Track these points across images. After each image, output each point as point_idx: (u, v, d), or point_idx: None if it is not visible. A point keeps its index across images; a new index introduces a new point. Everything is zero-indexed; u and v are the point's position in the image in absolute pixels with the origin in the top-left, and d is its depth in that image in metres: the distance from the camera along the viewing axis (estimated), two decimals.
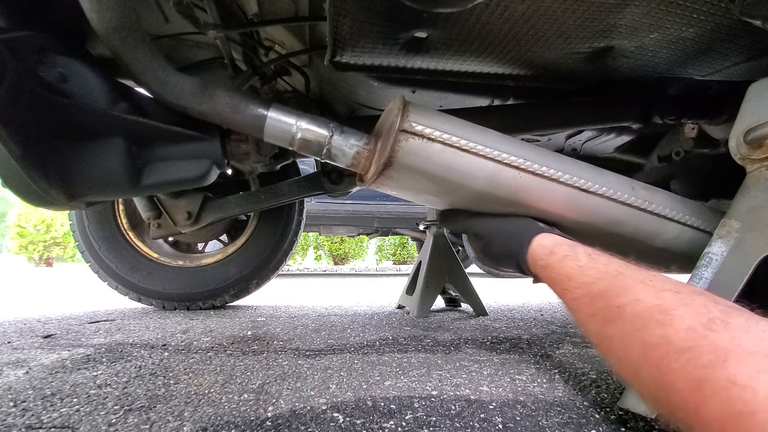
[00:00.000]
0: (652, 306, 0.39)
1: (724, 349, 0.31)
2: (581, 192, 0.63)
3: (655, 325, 0.37)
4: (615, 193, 0.64)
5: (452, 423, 0.53)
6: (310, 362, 0.81)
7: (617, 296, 0.43)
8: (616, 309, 0.42)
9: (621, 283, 0.44)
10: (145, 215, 1.28)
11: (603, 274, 0.47)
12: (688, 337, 0.34)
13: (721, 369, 0.30)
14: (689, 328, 0.34)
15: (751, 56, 0.65)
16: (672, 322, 0.36)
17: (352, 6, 0.57)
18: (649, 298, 0.40)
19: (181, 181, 0.76)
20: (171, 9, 0.80)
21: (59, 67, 0.62)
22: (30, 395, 0.63)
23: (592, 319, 0.45)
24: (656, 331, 0.36)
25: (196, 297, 1.54)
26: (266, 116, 0.67)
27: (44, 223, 10.46)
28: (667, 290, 0.40)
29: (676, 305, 0.37)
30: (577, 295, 0.49)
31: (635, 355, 0.38)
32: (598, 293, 0.45)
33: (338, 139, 0.67)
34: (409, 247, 9.71)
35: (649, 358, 0.36)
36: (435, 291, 1.49)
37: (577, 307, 0.49)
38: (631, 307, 0.40)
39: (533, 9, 0.56)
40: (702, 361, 0.32)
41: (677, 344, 0.34)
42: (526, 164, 0.61)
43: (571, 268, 0.51)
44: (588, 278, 0.48)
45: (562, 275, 0.52)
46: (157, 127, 0.69)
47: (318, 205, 4.31)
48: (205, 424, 0.52)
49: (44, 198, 0.65)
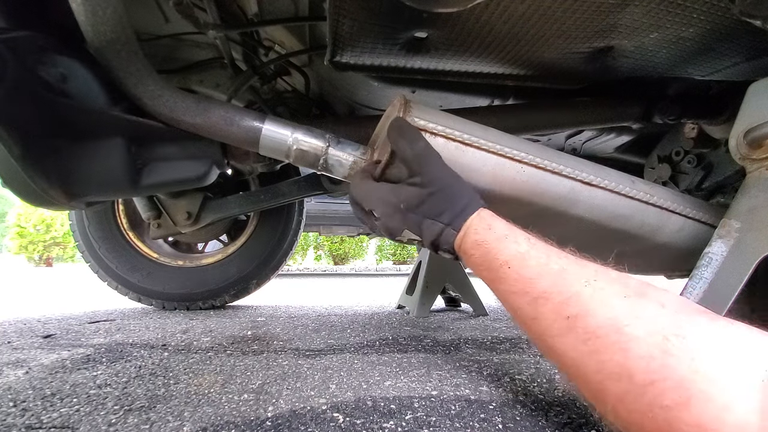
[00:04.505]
0: (606, 322, 0.36)
1: (685, 384, 0.30)
2: (585, 185, 0.62)
3: (612, 349, 0.34)
4: (617, 186, 0.64)
5: (452, 423, 0.53)
6: (310, 362, 0.81)
7: (565, 304, 0.39)
8: (565, 321, 0.38)
9: (566, 284, 0.40)
10: (145, 215, 1.28)
11: (544, 269, 0.42)
12: (648, 368, 0.32)
13: (686, 412, 0.29)
14: (646, 355, 0.32)
15: (751, 56, 0.65)
16: (628, 346, 0.33)
17: (352, 6, 0.57)
18: (601, 310, 0.37)
19: (181, 181, 0.76)
20: (171, 9, 0.80)
21: (59, 67, 0.62)
22: (30, 395, 0.63)
23: (535, 323, 0.41)
24: (614, 357, 0.34)
25: (196, 297, 1.54)
26: (261, 129, 0.66)
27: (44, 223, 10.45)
28: (615, 296, 0.37)
29: (629, 319, 0.35)
30: (515, 289, 0.43)
31: (594, 380, 0.36)
32: (542, 294, 0.41)
33: (334, 150, 0.66)
34: (409, 247, 9.70)
35: (609, 390, 0.34)
36: (435, 291, 1.49)
37: (516, 305, 0.44)
38: (582, 321, 0.37)
39: (533, 9, 0.56)
40: (665, 401, 0.30)
41: (638, 378, 0.32)
42: (529, 158, 0.60)
43: (511, 254, 0.45)
44: (529, 271, 0.43)
45: (499, 259, 0.45)
46: (157, 127, 0.69)
47: (318, 205, 4.31)
48: (205, 424, 0.52)
49: (44, 198, 0.65)
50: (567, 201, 0.63)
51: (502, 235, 0.47)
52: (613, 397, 0.34)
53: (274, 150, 0.68)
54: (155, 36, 0.96)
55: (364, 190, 0.57)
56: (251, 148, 0.69)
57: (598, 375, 0.35)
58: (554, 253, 0.44)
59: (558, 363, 0.40)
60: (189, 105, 0.66)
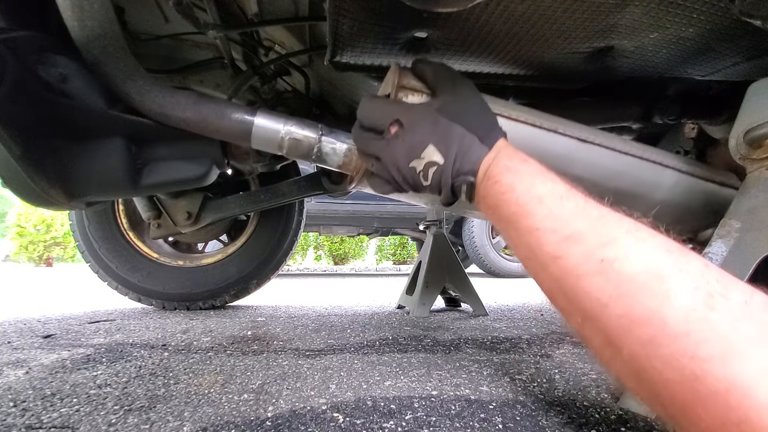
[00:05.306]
0: (646, 269, 0.33)
1: (725, 340, 0.27)
2: (581, 143, 0.63)
3: (648, 295, 0.31)
4: (611, 143, 0.65)
5: (452, 423, 0.53)
6: (310, 362, 0.81)
7: (601, 246, 0.36)
8: (598, 263, 0.35)
9: (604, 228, 0.37)
10: (145, 215, 1.28)
11: (582, 212, 0.39)
12: (686, 318, 0.29)
13: (721, 365, 0.27)
14: (688, 306, 0.30)
15: (751, 56, 0.65)
16: (668, 294, 0.31)
17: (352, 6, 0.57)
18: (641, 257, 0.34)
19: (181, 181, 0.76)
20: (171, 9, 0.80)
21: (59, 67, 0.62)
22: (30, 395, 0.63)
23: (557, 262, 0.38)
24: (648, 302, 0.31)
25: (196, 297, 1.54)
26: (253, 122, 0.66)
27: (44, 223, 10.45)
28: (658, 247, 0.34)
29: (672, 270, 0.32)
30: (542, 225, 0.39)
31: (614, 323, 0.33)
32: (574, 234, 0.37)
33: (327, 139, 0.66)
34: (409, 247, 9.71)
35: (632, 333, 0.31)
36: (435, 291, 1.49)
37: (537, 242, 0.40)
38: (619, 264, 0.34)
39: (533, 9, 0.56)
40: (699, 351, 0.28)
41: (672, 326, 0.29)
42: (523, 117, 0.60)
43: (546, 190, 0.41)
44: (564, 211, 0.39)
45: (530, 193, 0.41)
46: (157, 127, 0.69)
47: (318, 205, 4.32)
48: (205, 424, 0.52)
49: (44, 198, 0.65)
50: (565, 160, 0.63)
51: (538, 170, 0.43)
52: (635, 342, 0.31)
53: (267, 142, 0.67)
54: (155, 36, 0.96)
55: (384, 102, 0.52)
56: (244, 142, 0.68)
57: (622, 319, 0.32)
58: (592, 201, 0.41)
59: (573, 304, 0.37)
60: (178, 100, 0.65)
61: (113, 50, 0.60)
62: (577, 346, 0.99)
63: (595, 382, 0.71)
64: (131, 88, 0.63)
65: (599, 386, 0.68)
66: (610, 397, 0.63)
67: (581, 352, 0.92)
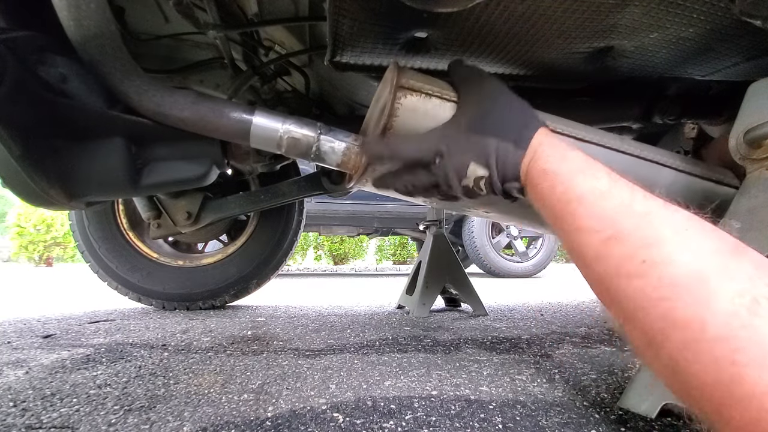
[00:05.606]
0: (689, 273, 0.32)
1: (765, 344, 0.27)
2: (577, 141, 0.63)
3: (688, 299, 0.31)
4: (608, 142, 0.64)
5: (452, 423, 0.53)
6: (310, 362, 0.81)
7: (644, 246, 0.35)
8: (640, 264, 0.34)
9: (650, 227, 0.36)
10: (145, 215, 1.28)
11: (626, 210, 0.38)
12: (727, 323, 0.29)
13: (759, 370, 0.27)
14: (731, 312, 0.29)
15: (751, 56, 0.65)
16: (711, 300, 0.30)
17: (352, 6, 0.57)
18: (686, 260, 0.33)
19: (181, 181, 0.76)
20: (171, 9, 0.80)
21: (59, 67, 0.62)
22: (30, 395, 0.63)
23: (599, 262, 0.38)
24: (689, 307, 0.31)
25: (196, 297, 1.54)
26: (251, 121, 0.65)
27: (44, 223, 10.45)
28: (706, 250, 0.33)
29: (718, 275, 0.31)
30: (585, 225, 0.39)
31: (655, 326, 0.33)
32: (616, 235, 0.37)
33: (326, 137, 0.66)
34: (409, 247, 9.70)
35: (670, 336, 0.31)
36: (435, 291, 1.49)
37: (580, 242, 0.40)
38: (661, 268, 0.33)
39: (533, 9, 0.56)
40: (739, 357, 0.28)
41: (712, 331, 0.29)
42: None
43: (587, 189, 0.40)
44: (606, 210, 0.39)
45: (571, 194, 0.41)
46: (157, 127, 0.68)
47: (318, 205, 4.32)
48: (205, 424, 0.52)
49: (44, 198, 0.65)
50: None
51: (578, 168, 0.43)
52: (674, 345, 0.31)
53: (265, 141, 0.67)
54: (155, 36, 0.96)
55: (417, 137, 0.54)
56: (243, 141, 0.68)
57: (662, 321, 0.32)
58: (640, 194, 0.39)
59: (615, 305, 0.37)
60: (177, 99, 0.65)
61: (110, 50, 0.60)
62: (577, 346, 0.99)
63: (595, 382, 0.71)
64: (129, 88, 0.63)
65: (599, 386, 0.68)
66: (610, 397, 0.63)
67: (581, 352, 0.92)
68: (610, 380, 0.71)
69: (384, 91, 0.60)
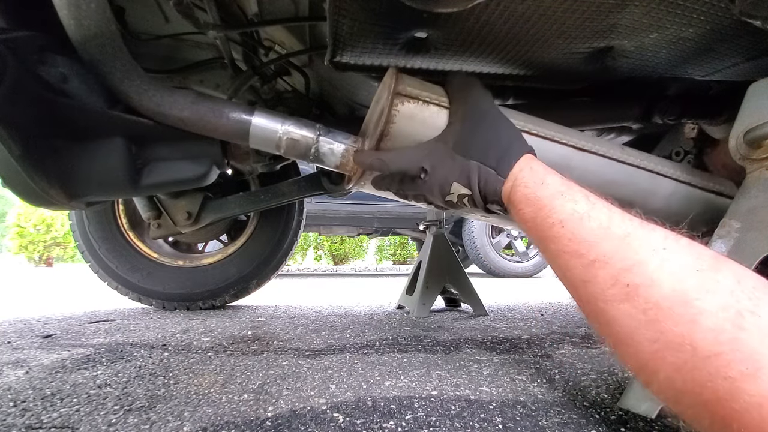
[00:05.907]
0: (672, 294, 0.33)
1: (754, 357, 0.28)
2: (577, 151, 0.63)
3: (676, 321, 0.32)
4: (608, 151, 0.64)
5: (452, 423, 0.53)
6: (310, 362, 0.81)
7: (627, 271, 0.36)
8: (624, 288, 0.35)
9: (629, 249, 0.37)
10: (145, 215, 1.28)
11: (605, 233, 0.39)
12: (715, 340, 0.30)
13: (752, 383, 0.28)
14: (716, 328, 0.30)
15: (751, 56, 0.65)
16: (696, 319, 0.31)
17: (352, 6, 0.57)
18: (668, 282, 0.34)
19: (181, 181, 0.76)
20: (171, 9, 0.80)
21: (59, 67, 0.62)
22: (30, 395, 0.63)
23: (586, 286, 0.38)
24: (677, 328, 0.32)
25: (196, 297, 1.54)
26: (250, 121, 0.65)
27: (44, 223, 10.45)
28: (686, 268, 0.34)
29: (700, 293, 0.32)
30: (568, 250, 0.40)
31: (647, 349, 0.33)
32: (599, 258, 0.38)
33: (325, 139, 0.66)
34: (409, 247, 9.71)
35: (665, 359, 0.32)
36: (435, 291, 1.49)
37: (567, 266, 0.40)
38: (645, 290, 0.34)
39: (533, 9, 0.56)
40: (731, 372, 0.29)
41: (702, 349, 0.30)
42: (519, 124, 0.60)
43: (566, 214, 0.41)
44: (587, 233, 0.39)
45: (552, 218, 0.42)
46: (157, 127, 0.68)
47: (318, 205, 4.32)
48: (205, 424, 0.52)
49: (44, 198, 0.65)
50: (561, 168, 0.63)
51: (557, 192, 0.44)
52: (669, 367, 0.32)
53: (264, 141, 0.67)
54: (155, 36, 0.96)
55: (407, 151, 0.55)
56: (242, 142, 0.68)
57: (654, 344, 0.33)
58: (617, 215, 0.40)
59: (604, 329, 0.38)
60: (176, 99, 0.65)
61: (110, 49, 0.60)
62: (577, 346, 0.99)
63: (595, 382, 0.71)
64: (129, 88, 0.63)
65: (599, 386, 0.68)
66: (610, 397, 0.63)
67: (581, 352, 0.92)
68: (610, 380, 0.71)
69: (383, 94, 0.60)
